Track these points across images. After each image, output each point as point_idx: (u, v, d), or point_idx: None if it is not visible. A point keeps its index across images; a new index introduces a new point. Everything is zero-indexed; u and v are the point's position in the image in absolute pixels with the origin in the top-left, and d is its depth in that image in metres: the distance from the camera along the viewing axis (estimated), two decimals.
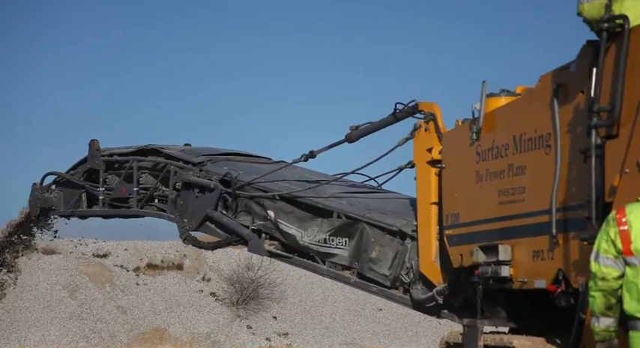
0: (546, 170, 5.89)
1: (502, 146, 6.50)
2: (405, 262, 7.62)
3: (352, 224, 8.09)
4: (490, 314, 6.53)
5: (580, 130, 5.51)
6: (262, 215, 8.63)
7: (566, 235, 5.70)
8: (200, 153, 9.51)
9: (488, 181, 6.64)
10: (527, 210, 6.14)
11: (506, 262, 6.22)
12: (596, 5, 5.33)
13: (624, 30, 5.05)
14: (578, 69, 5.63)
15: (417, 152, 7.77)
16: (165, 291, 29.20)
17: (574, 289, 5.56)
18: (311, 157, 8.76)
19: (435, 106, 7.70)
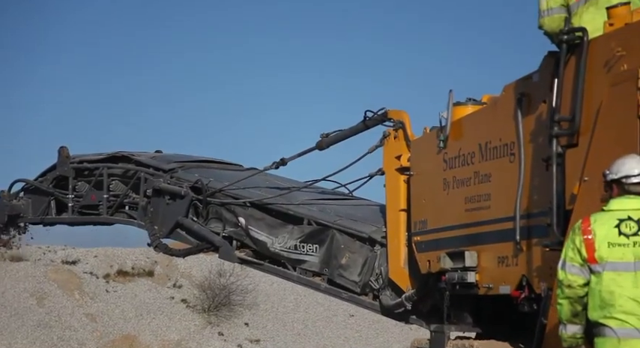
0: (510, 178, 6.11)
1: (468, 154, 6.72)
2: (375, 269, 7.82)
3: (322, 231, 8.28)
4: (457, 320, 6.74)
5: (542, 139, 5.74)
6: (233, 222, 8.79)
7: (529, 242, 5.92)
8: (171, 160, 9.64)
9: (455, 188, 6.86)
10: (493, 217, 6.36)
11: (472, 268, 6.43)
12: (555, 19, 5.58)
13: (583, 42, 5.28)
14: (541, 79, 5.86)
15: (387, 160, 7.99)
16: (135, 298, 29.17)
17: (537, 294, 5.78)
18: (282, 164, 8.94)
19: (404, 114, 7.92)
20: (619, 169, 4.54)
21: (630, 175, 4.49)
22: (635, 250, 4.37)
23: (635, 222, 4.41)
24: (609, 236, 4.46)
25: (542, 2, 5.62)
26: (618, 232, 4.44)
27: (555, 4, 5.57)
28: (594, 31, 5.34)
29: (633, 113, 4.79)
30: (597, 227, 4.54)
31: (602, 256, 4.47)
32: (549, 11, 5.59)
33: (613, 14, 5.21)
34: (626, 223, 4.44)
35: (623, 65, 4.96)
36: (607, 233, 4.48)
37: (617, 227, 4.46)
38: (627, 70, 4.89)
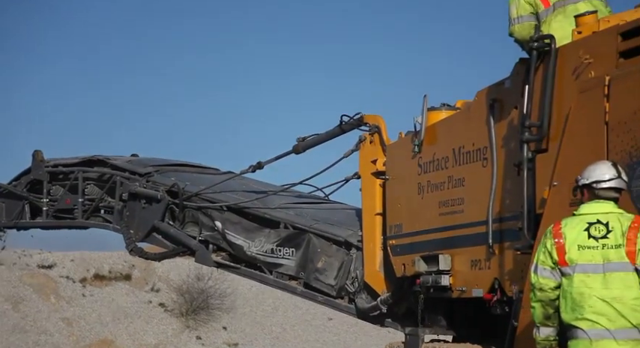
0: (483, 182, 6.25)
1: (442, 159, 6.87)
2: (351, 272, 7.95)
3: (299, 235, 8.39)
4: (431, 323, 6.88)
5: (514, 144, 5.89)
6: (210, 226, 8.88)
7: (501, 246, 6.07)
8: (147, 164, 9.72)
9: (430, 192, 7.00)
10: (466, 221, 6.50)
11: (446, 272, 6.57)
12: (525, 26, 5.74)
13: (552, 49, 5.44)
14: (512, 85, 6.01)
15: (362, 164, 8.12)
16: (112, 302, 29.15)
17: (508, 297, 5.93)
18: (259, 168, 9.05)
19: (380, 118, 8.05)
20: (590, 174, 4.69)
21: (600, 180, 4.63)
22: (604, 253, 4.51)
23: (604, 225, 4.56)
24: (579, 239, 4.60)
25: (513, 10, 5.78)
26: (588, 235, 4.58)
27: (525, 12, 5.73)
28: (563, 39, 5.50)
29: (600, 119, 4.94)
30: (567, 231, 4.67)
31: (572, 258, 4.61)
32: (519, 19, 5.75)
33: (581, 22, 5.37)
34: (595, 227, 4.58)
35: (591, 72, 5.12)
36: (577, 236, 4.62)
37: (587, 230, 4.60)
38: (595, 77, 5.05)
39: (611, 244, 4.47)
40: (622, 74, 4.83)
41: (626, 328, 4.36)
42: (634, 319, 4.37)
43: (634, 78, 4.73)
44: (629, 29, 4.93)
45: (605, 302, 4.44)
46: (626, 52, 4.91)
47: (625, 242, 4.43)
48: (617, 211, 4.59)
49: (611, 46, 4.99)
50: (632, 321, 4.36)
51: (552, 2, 5.72)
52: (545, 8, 5.72)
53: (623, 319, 4.38)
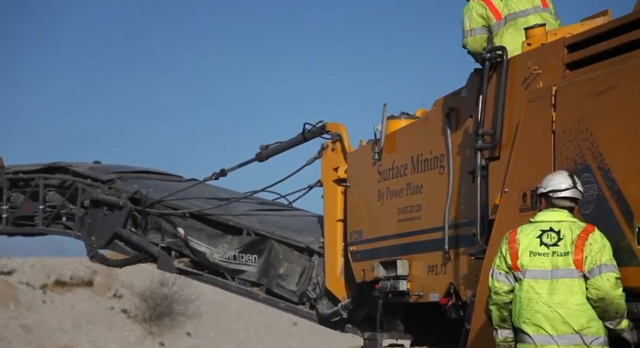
0: (440, 189, 6.55)
1: (401, 166, 7.16)
2: (312, 278, 8.21)
3: (261, 241, 8.64)
4: (389, 327, 7.16)
5: (469, 151, 6.19)
6: (172, 233, 9.10)
7: (457, 251, 6.36)
8: (109, 170, 9.91)
9: (389, 199, 7.29)
10: (423, 227, 6.79)
11: (403, 277, 6.86)
12: (478, 39, 6.05)
13: (503, 60, 5.75)
14: (468, 95, 6.32)
15: (325, 171, 8.40)
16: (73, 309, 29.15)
17: (463, 301, 6.22)
18: (222, 175, 9.29)
19: (342, 126, 8.35)
20: (547, 183, 4.97)
21: (557, 189, 4.91)
22: (553, 260, 4.79)
23: (555, 233, 4.84)
24: (531, 246, 4.88)
25: (466, 23, 6.10)
26: (540, 242, 4.86)
27: (477, 25, 6.04)
28: (514, 51, 5.82)
29: (548, 128, 5.25)
30: (522, 237, 4.96)
31: (524, 264, 4.89)
32: (472, 31, 6.06)
33: (530, 35, 5.69)
34: (547, 234, 4.86)
35: (539, 83, 5.43)
36: (530, 243, 4.90)
37: (540, 237, 4.88)
38: (543, 87, 5.36)
39: (560, 252, 4.75)
40: (567, 85, 5.14)
41: (568, 333, 4.63)
42: (576, 324, 4.63)
43: (578, 88, 5.04)
44: (574, 42, 5.25)
45: (550, 308, 4.70)
46: (572, 64, 5.23)
47: (573, 250, 4.71)
48: (570, 219, 4.86)
49: (557, 58, 5.31)
50: (575, 326, 4.63)
51: (504, 15, 6.04)
52: (497, 21, 6.04)
53: (565, 325, 4.65)
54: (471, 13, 6.07)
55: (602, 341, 4.66)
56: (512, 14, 6.04)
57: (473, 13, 6.06)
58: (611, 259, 4.68)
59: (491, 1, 6.05)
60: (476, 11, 6.06)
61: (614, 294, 4.62)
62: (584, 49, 5.15)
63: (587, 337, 4.62)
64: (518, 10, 6.03)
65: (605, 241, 4.70)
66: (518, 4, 6.04)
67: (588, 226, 4.80)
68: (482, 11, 6.05)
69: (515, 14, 6.02)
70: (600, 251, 4.67)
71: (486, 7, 6.04)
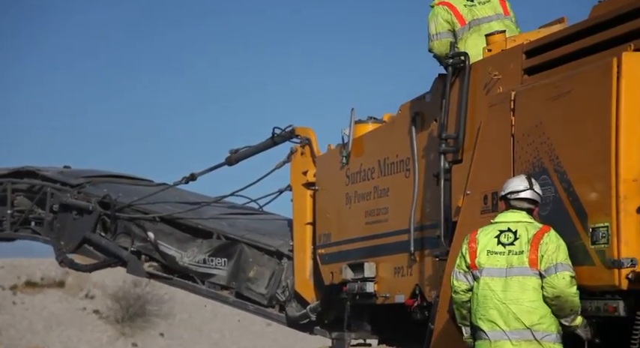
0: (406, 192, 6.81)
1: (369, 170, 7.41)
2: (282, 281, 8.44)
3: (231, 245, 8.86)
4: (357, 328, 7.41)
5: (434, 155, 6.45)
6: (142, 237, 9.29)
7: (422, 253, 6.62)
8: (79, 175, 10.07)
9: (357, 202, 7.53)
10: (390, 229, 7.04)
11: (371, 279, 7.10)
12: (444, 43, 6.32)
13: (466, 65, 6.03)
14: (432, 99, 6.59)
15: (294, 175, 8.64)
16: (44, 309, 29.13)
17: (428, 302, 6.47)
18: (192, 179, 9.49)
19: (311, 131, 8.59)
20: (506, 186, 5.24)
21: (514, 191, 5.18)
22: (509, 258, 5.05)
23: (512, 233, 5.10)
24: (489, 245, 5.14)
25: (432, 27, 6.36)
26: (497, 241, 5.13)
27: (443, 29, 6.31)
28: (478, 56, 6.09)
29: (507, 132, 5.51)
30: (481, 237, 5.22)
31: (481, 262, 5.14)
32: (438, 36, 6.32)
33: (491, 41, 5.97)
34: (505, 234, 5.13)
35: (499, 88, 5.70)
36: (488, 242, 5.16)
37: (497, 237, 5.15)
38: (502, 92, 5.63)
39: (515, 251, 5.01)
40: (526, 90, 5.41)
41: (519, 329, 4.87)
42: (527, 320, 4.87)
43: (536, 93, 5.31)
44: (532, 48, 5.53)
45: (503, 304, 4.95)
46: (530, 69, 5.50)
47: (528, 249, 4.96)
48: (528, 220, 5.11)
49: (516, 64, 5.58)
50: (526, 323, 4.86)
51: (468, 21, 6.32)
52: (462, 26, 6.31)
53: (517, 321, 4.89)
54: (437, 18, 6.34)
55: (554, 338, 4.88)
56: (476, 20, 6.32)
57: (438, 18, 6.32)
58: (567, 258, 4.92)
59: (456, 7, 6.33)
60: (441, 16, 6.33)
61: (569, 292, 4.86)
62: (542, 55, 5.43)
63: (538, 333, 4.85)
64: (481, 17, 6.31)
65: (561, 241, 4.94)
66: (481, 11, 6.32)
67: (544, 226, 5.03)
68: (448, 16, 6.32)
69: (479, 20, 6.30)
70: (556, 251, 4.91)
71: (451, 12, 6.31)
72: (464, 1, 6.36)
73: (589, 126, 4.90)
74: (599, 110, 4.81)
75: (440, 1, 6.39)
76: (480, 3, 6.35)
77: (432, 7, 6.44)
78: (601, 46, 5.00)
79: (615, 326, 4.90)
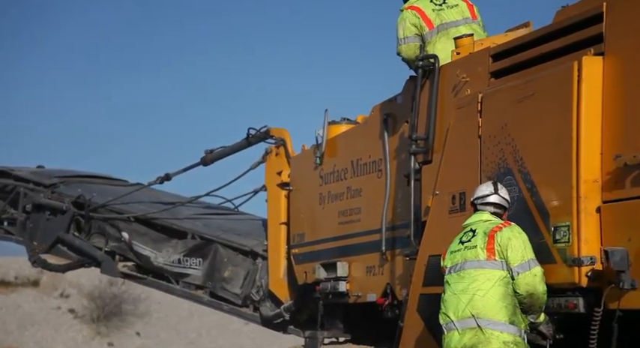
0: (378, 192, 7.05)
1: (342, 170, 7.66)
2: (256, 281, 8.68)
3: (206, 245, 9.08)
4: (329, 327, 7.66)
5: (405, 156, 6.70)
6: (116, 237, 9.49)
7: (393, 252, 6.87)
8: (52, 175, 10.25)
9: (330, 202, 7.78)
10: (362, 229, 7.29)
11: (343, 278, 7.35)
12: (411, 47, 6.58)
13: (435, 68, 6.28)
14: (404, 101, 6.84)
15: (268, 175, 8.88)
16: (18, 309, 29.14)
17: (399, 301, 6.72)
18: (166, 179, 9.70)
19: (285, 131, 8.84)
20: (474, 192, 5.51)
21: (480, 196, 5.43)
22: (464, 253, 5.26)
23: (472, 232, 5.35)
24: (453, 246, 5.40)
25: (400, 31, 6.61)
26: (459, 241, 5.39)
27: (411, 34, 6.56)
28: (446, 59, 6.34)
29: (475, 133, 5.76)
30: (452, 240, 5.49)
31: (446, 263, 5.41)
32: (406, 40, 6.57)
33: (459, 44, 6.23)
34: (466, 234, 5.38)
35: (467, 90, 5.96)
36: (453, 243, 5.43)
37: (461, 238, 5.41)
38: (470, 94, 5.88)
39: (470, 246, 5.26)
40: (492, 92, 5.67)
41: (465, 318, 5.09)
42: (473, 309, 5.08)
43: (501, 96, 5.57)
44: (498, 52, 5.78)
45: (454, 295, 5.18)
46: (496, 72, 5.76)
47: (485, 241, 5.18)
48: (489, 219, 5.34)
49: (483, 67, 5.84)
50: (472, 311, 5.07)
51: (436, 25, 6.57)
52: (430, 30, 6.56)
53: (464, 311, 5.10)
54: (405, 22, 6.58)
55: (501, 327, 5.03)
56: (444, 24, 6.57)
57: (406, 22, 6.57)
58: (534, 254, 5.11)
59: (424, 11, 6.57)
60: (409, 20, 6.57)
61: (542, 289, 5.05)
62: (507, 59, 5.69)
63: (482, 320, 5.03)
64: (449, 21, 6.56)
65: (525, 236, 5.14)
66: (449, 15, 6.58)
67: (505, 222, 5.25)
68: (416, 21, 6.57)
69: (447, 24, 6.56)
70: (525, 247, 5.09)
71: (419, 16, 6.56)
72: (432, 5, 6.60)
73: (551, 128, 5.16)
74: (561, 113, 5.07)
75: (409, 6, 6.63)
76: (448, 7, 6.59)
77: (400, 12, 6.69)
78: (563, 51, 5.26)
79: (576, 323, 5.15)
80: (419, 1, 6.61)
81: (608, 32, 4.95)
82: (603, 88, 4.96)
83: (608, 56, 4.94)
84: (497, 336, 5.00)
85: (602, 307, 4.83)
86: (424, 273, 6.08)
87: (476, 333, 5.04)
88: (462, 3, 6.67)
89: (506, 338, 5.00)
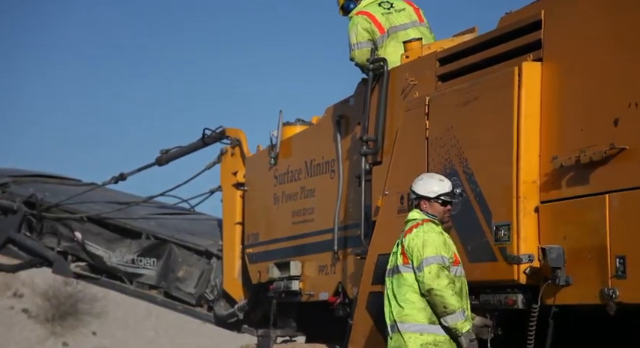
0: (331, 193, 7.42)
1: (296, 171, 8.02)
2: (210, 281, 9.01)
3: (160, 245, 9.39)
4: (282, 325, 8.01)
5: (356, 157, 7.07)
6: (69, 237, 9.75)
7: (345, 252, 7.23)
8: (4, 174, 10.47)
9: (284, 202, 8.14)
10: (316, 229, 7.65)
11: (296, 277, 7.71)
12: (364, 52, 6.93)
13: (384, 71, 6.66)
14: (356, 103, 7.21)
15: (224, 175, 9.23)
16: None
17: (350, 299, 7.09)
18: (121, 179, 10.00)
19: (241, 132, 9.18)
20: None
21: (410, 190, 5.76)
22: (392, 258, 5.55)
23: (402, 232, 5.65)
24: (393, 248, 5.74)
25: (352, 37, 6.95)
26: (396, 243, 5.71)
27: (363, 39, 6.92)
28: (396, 62, 6.72)
29: (422, 135, 6.13)
30: None
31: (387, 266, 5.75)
32: (359, 45, 6.93)
33: (408, 48, 6.60)
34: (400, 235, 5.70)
35: (416, 93, 6.33)
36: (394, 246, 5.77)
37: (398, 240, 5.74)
38: (418, 97, 6.25)
39: (395, 250, 5.59)
40: (438, 95, 6.04)
41: (391, 322, 5.43)
42: (396, 314, 5.40)
43: (447, 99, 5.94)
44: (445, 56, 6.16)
45: (387, 300, 5.51)
46: (443, 76, 6.14)
47: (401, 245, 5.52)
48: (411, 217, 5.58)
49: (431, 70, 6.22)
50: (395, 316, 5.40)
51: (386, 29, 6.94)
52: (381, 34, 6.93)
53: (390, 316, 5.44)
54: (357, 28, 6.93)
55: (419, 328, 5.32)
56: (393, 28, 6.94)
57: (358, 28, 6.93)
58: (436, 252, 5.33)
59: (375, 16, 6.94)
60: (361, 26, 6.93)
61: (435, 284, 5.26)
62: (453, 63, 6.06)
63: (404, 324, 5.35)
64: (398, 24, 6.93)
65: (427, 237, 5.41)
66: (398, 19, 6.95)
67: (415, 224, 5.51)
68: (367, 25, 6.93)
69: (396, 28, 6.93)
70: (423, 247, 5.38)
71: (370, 21, 6.92)
72: (381, 9, 6.97)
73: (493, 131, 5.54)
74: (502, 116, 5.46)
75: (358, 11, 6.99)
76: (396, 11, 6.96)
77: (350, 18, 7.04)
78: (506, 56, 5.64)
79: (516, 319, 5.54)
80: (368, 6, 6.97)
81: (546, 39, 5.34)
82: (542, 92, 5.35)
83: (546, 62, 5.33)
84: (414, 339, 5.30)
85: (539, 303, 5.20)
86: (373, 271, 6.42)
87: (398, 337, 5.37)
88: (408, 7, 7.04)
89: (425, 339, 5.29)
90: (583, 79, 5.12)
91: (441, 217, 5.59)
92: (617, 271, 4.81)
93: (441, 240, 5.44)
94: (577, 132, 5.12)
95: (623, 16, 4.93)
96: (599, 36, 5.04)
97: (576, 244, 5.04)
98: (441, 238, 5.47)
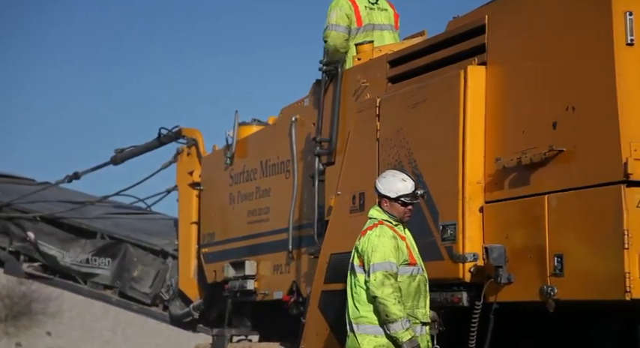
0: (286, 193, 7.73)
1: (252, 170, 8.33)
2: (166, 280, 9.30)
3: (115, 244, 9.66)
4: (237, 324, 8.33)
5: (310, 157, 7.39)
6: (21, 237, 9.97)
7: (299, 251, 7.55)
8: None
9: (240, 202, 8.44)
10: (271, 229, 7.97)
11: (251, 277, 8.02)
12: (340, 36, 6.99)
13: (338, 73, 6.99)
14: (310, 104, 7.54)
15: (180, 175, 9.52)
16: None
17: (304, 298, 7.42)
18: (75, 178, 10.24)
19: (197, 132, 9.48)
20: None
21: None
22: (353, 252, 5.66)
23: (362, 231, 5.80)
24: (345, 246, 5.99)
25: (332, 17, 7.07)
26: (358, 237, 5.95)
27: (343, 23, 7.09)
28: (349, 64, 7.04)
29: (373, 136, 6.46)
30: None
31: None
32: (337, 27, 7.09)
33: (360, 50, 6.93)
34: None
35: (367, 95, 6.66)
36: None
37: None
38: (369, 99, 6.58)
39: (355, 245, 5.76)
40: (389, 97, 6.38)
41: (347, 322, 5.60)
42: (351, 314, 5.59)
43: (397, 101, 6.28)
44: (395, 58, 6.50)
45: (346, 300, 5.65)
46: (393, 78, 6.48)
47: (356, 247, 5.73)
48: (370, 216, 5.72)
49: (381, 73, 6.56)
50: (351, 316, 5.58)
51: (364, 23, 7.16)
52: (357, 27, 7.15)
53: (347, 316, 5.61)
54: (339, 10, 7.05)
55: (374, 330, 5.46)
56: (370, 25, 7.16)
57: (342, 11, 7.05)
58: (383, 258, 5.43)
59: (358, 7, 7.11)
60: (345, 10, 7.07)
61: (379, 292, 5.37)
62: (403, 65, 6.40)
63: (358, 326, 5.52)
64: (377, 23, 7.15)
65: (378, 241, 5.48)
66: (378, 18, 7.19)
67: (370, 226, 5.66)
68: (350, 12, 7.08)
69: (374, 26, 7.15)
70: (372, 251, 5.52)
71: (353, 10, 7.13)
72: (366, 2, 7.15)
73: (440, 132, 5.89)
74: (449, 118, 5.80)
75: None
76: (379, 9, 7.20)
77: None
78: (452, 59, 5.99)
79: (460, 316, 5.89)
80: None
81: (490, 43, 5.70)
82: (486, 95, 5.71)
83: (490, 65, 5.68)
84: (368, 341, 5.47)
85: (482, 300, 5.55)
86: (325, 270, 6.73)
87: (353, 338, 5.54)
88: (390, 10, 7.28)
89: (379, 342, 5.44)
90: (524, 82, 5.47)
91: (401, 217, 5.66)
92: (555, 269, 5.16)
93: (391, 245, 5.50)
94: (519, 134, 5.47)
95: (561, 21, 5.29)
96: (540, 41, 5.39)
97: (518, 243, 5.39)
98: (392, 242, 5.52)
